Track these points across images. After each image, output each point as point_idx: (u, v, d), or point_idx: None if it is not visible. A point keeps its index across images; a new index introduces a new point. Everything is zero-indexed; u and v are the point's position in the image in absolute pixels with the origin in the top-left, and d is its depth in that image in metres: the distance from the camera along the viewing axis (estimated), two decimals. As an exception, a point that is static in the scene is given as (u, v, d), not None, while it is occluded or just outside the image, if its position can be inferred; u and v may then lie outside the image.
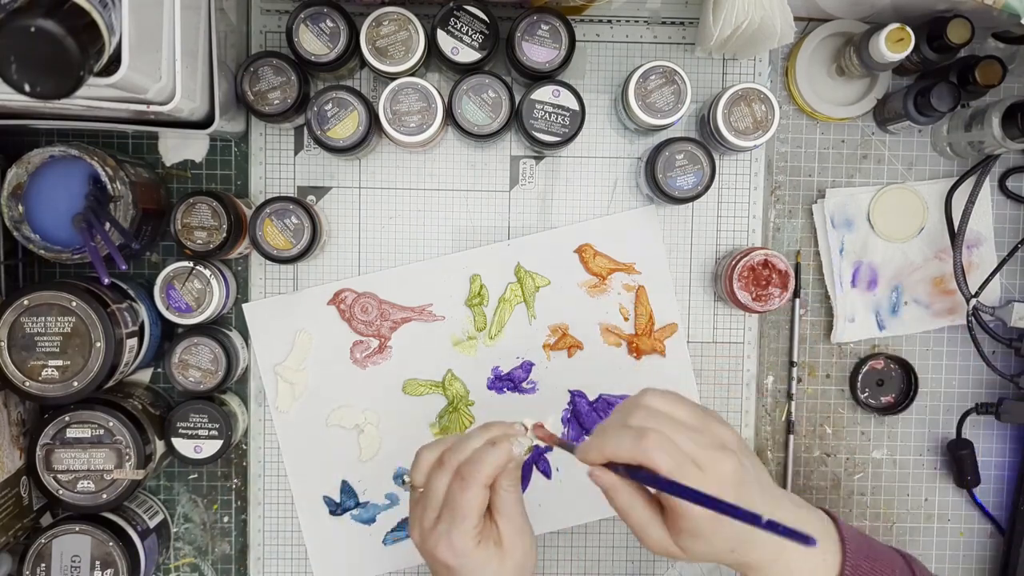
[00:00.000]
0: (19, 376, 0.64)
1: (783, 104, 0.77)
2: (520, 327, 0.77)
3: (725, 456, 0.50)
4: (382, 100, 0.69)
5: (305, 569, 0.78)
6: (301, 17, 0.68)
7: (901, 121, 0.73)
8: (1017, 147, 0.71)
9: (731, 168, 0.77)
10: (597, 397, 0.77)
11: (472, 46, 0.69)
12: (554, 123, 0.70)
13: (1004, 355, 0.78)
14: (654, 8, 0.76)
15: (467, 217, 0.77)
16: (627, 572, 0.79)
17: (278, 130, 0.76)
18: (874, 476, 0.80)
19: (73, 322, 0.64)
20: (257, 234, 0.70)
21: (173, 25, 0.58)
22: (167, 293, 0.71)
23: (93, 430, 0.68)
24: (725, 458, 0.50)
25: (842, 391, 0.79)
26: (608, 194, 0.77)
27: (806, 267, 0.78)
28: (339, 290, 0.76)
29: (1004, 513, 0.80)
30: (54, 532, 0.68)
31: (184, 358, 0.72)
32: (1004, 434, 0.80)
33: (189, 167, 0.76)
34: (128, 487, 0.68)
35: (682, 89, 0.70)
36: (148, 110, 0.59)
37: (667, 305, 0.77)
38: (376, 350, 0.76)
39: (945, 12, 0.68)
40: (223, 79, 0.66)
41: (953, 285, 0.76)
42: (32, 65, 0.47)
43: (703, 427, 0.52)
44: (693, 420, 0.52)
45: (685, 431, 0.51)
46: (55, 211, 0.64)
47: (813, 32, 0.75)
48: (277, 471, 0.77)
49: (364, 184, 0.77)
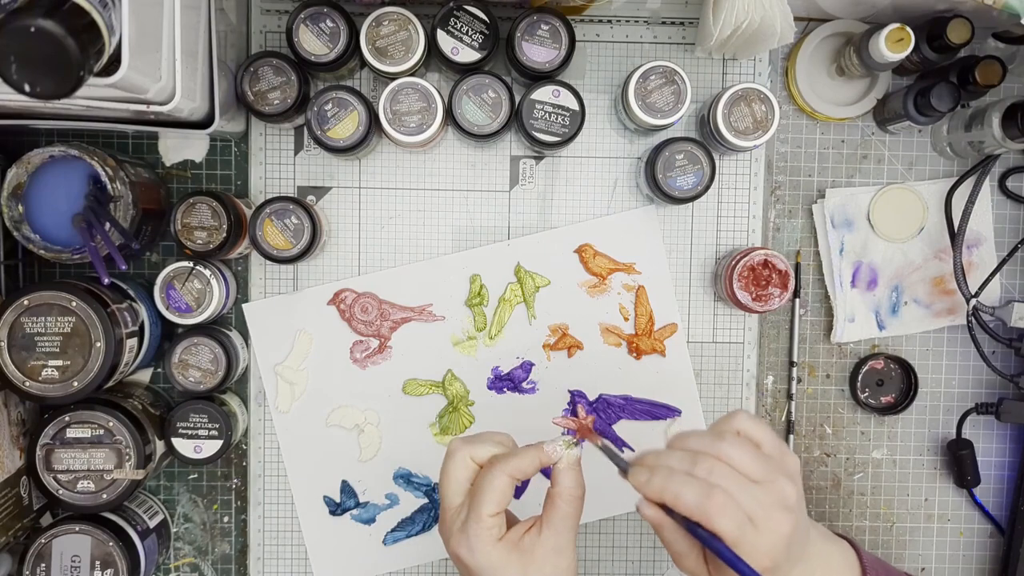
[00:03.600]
0: (19, 376, 0.64)
1: (783, 104, 0.77)
2: (520, 327, 0.77)
3: (784, 517, 0.49)
4: (382, 100, 0.69)
5: (305, 569, 0.78)
6: (301, 17, 0.68)
7: (901, 121, 0.73)
8: (1017, 147, 0.71)
9: (731, 168, 0.77)
10: (597, 397, 0.77)
11: (472, 46, 0.69)
12: (554, 123, 0.70)
13: (1004, 355, 0.78)
14: (654, 8, 0.76)
15: (467, 217, 0.77)
16: (627, 572, 0.79)
17: (278, 130, 0.76)
18: (874, 476, 0.80)
19: (73, 322, 0.64)
20: (257, 234, 0.70)
21: (173, 25, 0.58)
22: (167, 293, 0.71)
23: (93, 430, 0.68)
24: (784, 520, 0.49)
25: (842, 391, 0.79)
26: (608, 194, 0.77)
27: (806, 267, 0.78)
28: (339, 290, 0.76)
29: (1004, 513, 0.80)
30: (54, 532, 0.68)
31: (184, 358, 0.72)
32: (1004, 434, 0.80)
33: (189, 167, 0.76)
34: (128, 487, 0.68)
35: (682, 89, 0.70)
36: (148, 110, 0.59)
37: (667, 305, 0.77)
38: (376, 350, 0.76)
39: (945, 12, 0.68)
40: (223, 79, 0.66)
41: (953, 285, 0.76)
42: (32, 65, 0.47)
43: (769, 481, 0.50)
44: (760, 473, 0.50)
45: (750, 488, 0.49)
46: (55, 211, 0.64)
47: (813, 32, 0.75)
48: (277, 471, 0.77)
49: (364, 184, 0.77)
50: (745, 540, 0.47)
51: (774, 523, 0.48)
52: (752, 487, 0.49)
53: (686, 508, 0.48)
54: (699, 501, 0.48)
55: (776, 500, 0.49)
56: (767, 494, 0.49)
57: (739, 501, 0.48)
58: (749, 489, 0.49)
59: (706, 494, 0.48)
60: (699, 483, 0.48)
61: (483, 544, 0.51)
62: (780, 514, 0.49)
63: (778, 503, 0.49)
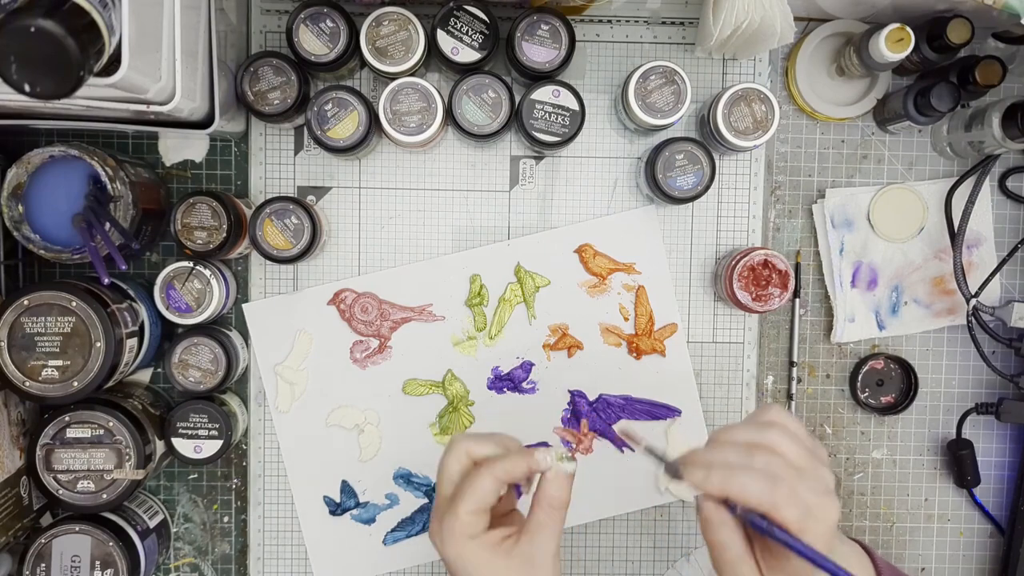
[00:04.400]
0: (19, 376, 0.64)
1: (783, 104, 0.77)
2: (520, 327, 0.77)
3: (832, 503, 0.49)
4: (382, 100, 0.69)
5: (305, 569, 0.78)
6: (301, 17, 0.68)
7: (901, 121, 0.73)
8: (1017, 147, 0.71)
9: (731, 168, 0.77)
10: (597, 397, 0.77)
11: (472, 46, 0.69)
12: (554, 123, 0.70)
13: (1004, 355, 0.78)
14: (654, 8, 0.76)
15: (467, 217, 0.77)
16: (627, 572, 0.79)
17: (278, 130, 0.76)
18: (874, 476, 0.80)
19: (73, 322, 0.64)
20: (257, 234, 0.70)
21: (173, 25, 0.58)
22: (167, 293, 0.71)
23: (93, 430, 0.68)
24: (832, 505, 0.49)
25: (842, 391, 0.79)
26: (608, 194, 0.77)
27: (806, 267, 0.78)
28: (339, 290, 0.76)
29: (1004, 513, 0.80)
30: (54, 532, 0.68)
31: (184, 358, 0.72)
32: (1004, 434, 0.80)
33: (189, 167, 0.76)
34: (128, 487, 0.68)
35: (682, 89, 0.70)
36: (148, 110, 0.59)
37: (667, 305, 0.77)
38: (376, 350, 0.76)
39: (945, 12, 0.68)
40: (223, 79, 0.66)
41: (953, 285, 0.76)
42: (32, 65, 0.47)
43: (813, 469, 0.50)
44: (804, 461, 0.50)
45: (802, 478, 0.49)
46: (55, 211, 0.64)
47: (813, 32, 0.75)
48: (277, 471, 0.77)
49: (364, 184, 0.77)
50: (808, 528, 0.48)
51: (826, 510, 0.49)
52: (804, 476, 0.49)
53: (755, 500, 0.48)
54: (766, 492, 0.48)
55: (824, 487, 0.50)
56: (816, 482, 0.50)
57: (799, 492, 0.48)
58: (802, 478, 0.49)
59: (772, 485, 0.48)
60: (763, 475, 0.48)
61: (455, 538, 0.51)
62: (829, 500, 0.49)
63: (825, 490, 0.50)
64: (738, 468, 0.49)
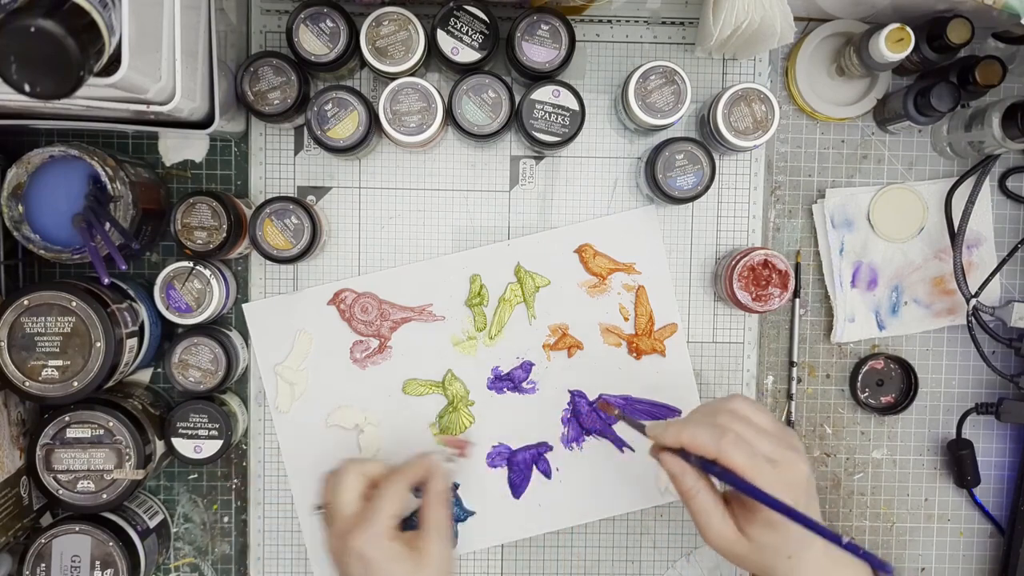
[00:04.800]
0: (19, 376, 0.64)
1: (783, 104, 0.77)
2: (520, 327, 0.77)
3: (799, 458, 0.54)
4: (382, 100, 0.69)
5: (305, 569, 0.78)
6: (301, 17, 0.68)
7: (901, 121, 0.73)
8: (1017, 147, 0.71)
9: (731, 168, 0.77)
10: (597, 397, 0.77)
11: (472, 46, 0.69)
12: (554, 123, 0.70)
13: (1004, 355, 0.78)
14: (654, 8, 0.76)
15: (467, 217, 0.77)
16: (627, 572, 0.79)
17: (278, 130, 0.76)
18: (874, 476, 0.80)
19: (73, 322, 0.64)
20: (257, 234, 0.70)
21: (173, 25, 0.58)
22: (167, 293, 0.71)
23: (93, 430, 0.68)
24: (799, 460, 0.54)
25: (842, 391, 0.79)
26: (608, 194, 0.77)
27: (806, 267, 0.78)
28: (339, 290, 0.76)
29: (1004, 513, 0.80)
30: (54, 532, 0.68)
31: (184, 358, 0.72)
32: (1004, 434, 0.80)
33: (189, 167, 0.76)
34: (128, 487, 0.68)
35: (682, 89, 0.70)
36: (148, 110, 0.59)
37: (667, 305, 0.77)
38: (376, 350, 0.76)
39: (945, 12, 0.68)
40: (223, 79, 0.66)
41: (953, 285, 0.76)
42: (32, 65, 0.47)
43: (781, 435, 0.56)
44: (772, 428, 0.56)
45: (764, 436, 0.55)
46: (55, 211, 0.64)
47: (813, 32, 0.75)
48: (277, 471, 0.77)
49: (364, 184, 0.77)
50: (762, 474, 0.52)
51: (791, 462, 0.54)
52: (766, 435, 0.55)
53: (704, 446, 0.54)
54: (714, 438, 0.53)
55: (789, 445, 0.55)
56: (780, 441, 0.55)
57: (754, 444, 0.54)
58: (764, 436, 0.55)
59: (720, 433, 0.54)
60: (712, 425, 0.55)
61: (382, 539, 0.58)
62: (795, 455, 0.55)
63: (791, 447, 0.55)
64: (691, 422, 0.56)
